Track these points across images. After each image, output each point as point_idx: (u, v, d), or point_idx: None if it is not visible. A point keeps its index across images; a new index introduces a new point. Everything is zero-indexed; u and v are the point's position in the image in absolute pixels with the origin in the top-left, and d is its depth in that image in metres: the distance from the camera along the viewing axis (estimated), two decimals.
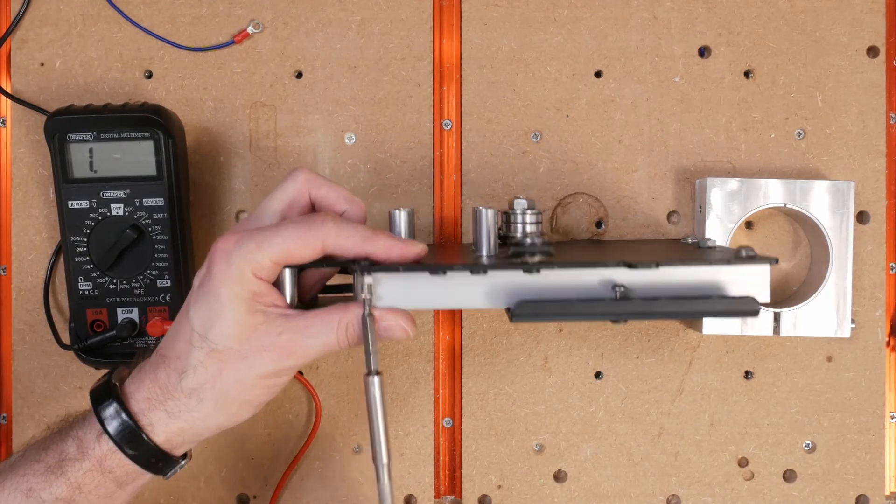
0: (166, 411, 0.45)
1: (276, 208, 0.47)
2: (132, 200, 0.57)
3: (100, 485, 0.45)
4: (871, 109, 0.62)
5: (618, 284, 0.46)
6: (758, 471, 0.62)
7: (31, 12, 0.62)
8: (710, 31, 0.62)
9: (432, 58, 0.62)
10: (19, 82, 0.62)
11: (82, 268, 0.57)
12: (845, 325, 0.58)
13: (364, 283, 0.46)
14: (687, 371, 0.62)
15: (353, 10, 0.62)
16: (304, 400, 0.63)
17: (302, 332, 0.44)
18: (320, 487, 0.62)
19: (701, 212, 0.60)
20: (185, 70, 0.62)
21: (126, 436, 0.45)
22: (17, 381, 0.62)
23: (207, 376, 0.44)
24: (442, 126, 0.62)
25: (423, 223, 0.62)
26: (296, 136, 0.62)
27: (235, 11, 0.62)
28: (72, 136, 0.56)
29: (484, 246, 0.50)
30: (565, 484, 0.62)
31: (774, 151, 0.62)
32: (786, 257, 0.63)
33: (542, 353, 0.62)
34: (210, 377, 0.44)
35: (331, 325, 0.45)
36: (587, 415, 0.62)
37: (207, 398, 0.45)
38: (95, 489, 0.45)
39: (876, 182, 0.62)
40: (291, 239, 0.44)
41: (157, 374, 0.46)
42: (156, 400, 0.45)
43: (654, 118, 0.62)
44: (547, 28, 0.62)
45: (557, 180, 0.62)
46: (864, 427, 0.62)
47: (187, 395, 0.45)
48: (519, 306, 0.45)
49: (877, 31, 0.62)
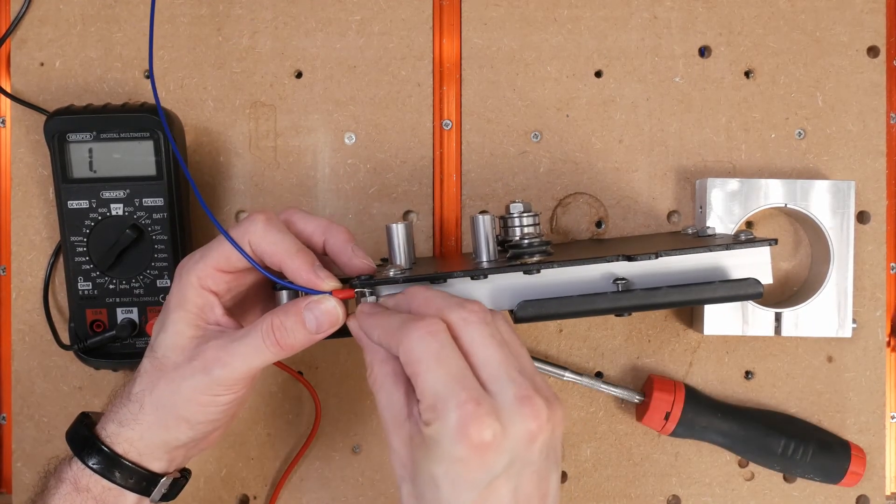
0: (118, 422, 0.46)
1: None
2: (132, 200, 0.57)
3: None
4: (871, 109, 0.62)
5: (619, 278, 0.46)
6: (758, 471, 0.62)
7: (31, 12, 0.62)
8: (711, 31, 0.62)
9: (432, 58, 0.62)
10: (19, 82, 0.62)
11: (82, 268, 0.57)
12: (846, 324, 0.58)
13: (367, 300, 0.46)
14: (687, 371, 0.62)
15: (352, 9, 0.62)
16: (304, 400, 0.62)
17: (229, 336, 0.45)
18: (320, 487, 0.62)
19: (701, 212, 0.60)
20: (184, 70, 0.62)
21: (87, 448, 0.46)
22: (17, 381, 0.62)
23: (147, 384, 0.46)
24: (442, 126, 0.62)
25: (422, 224, 0.62)
26: (295, 135, 0.62)
27: (235, 11, 0.62)
28: (71, 136, 0.56)
29: (483, 252, 0.49)
30: (565, 484, 0.62)
31: (775, 151, 0.62)
32: (786, 257, 0.63)
33: (542, 354, 0.62)
34: (149, 385, 0.45)
35: (256, 328, 0.44)
36: (587, 415, 0.62)
37: (147, 406, 0.45)
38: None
39: (876, 182, 0.62)
40: (226, 242, 0.45)
41: (118, 389, 0.48)
42: (111, 411, 0.47)
43: (654, 118, 0.62)
44: (547, 28, 0.62)
45: (557, 180, 0.62)
46: (864, 427, 0.62)
47: (132, 400, 0.46)
48: (521, 307, 0.45)
49: (877, 31, 0.62)
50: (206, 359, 0.44)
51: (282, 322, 0.44)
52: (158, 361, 0.46)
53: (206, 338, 0.45)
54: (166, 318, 0.46)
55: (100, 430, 0.46)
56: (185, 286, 0.46)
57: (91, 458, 0.45)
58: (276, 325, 0.44)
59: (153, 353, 0.46)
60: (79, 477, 0.46)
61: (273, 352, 0.44)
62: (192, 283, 0.45)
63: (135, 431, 0.46)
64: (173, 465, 0.48)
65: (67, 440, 0.47)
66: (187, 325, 0.45)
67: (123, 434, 0.46)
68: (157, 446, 0.46)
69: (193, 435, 0.46)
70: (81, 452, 0.46)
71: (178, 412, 0.45)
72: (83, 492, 0.45)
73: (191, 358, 0.45)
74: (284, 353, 0.44)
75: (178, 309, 0.46)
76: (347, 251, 0.46)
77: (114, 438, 0.46)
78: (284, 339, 0.44)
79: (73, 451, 0.46)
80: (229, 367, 0.44)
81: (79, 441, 0.46)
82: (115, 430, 0.46)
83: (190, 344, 0.45)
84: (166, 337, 0.46)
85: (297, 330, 0.44)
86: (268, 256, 0.45)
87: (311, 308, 0.44)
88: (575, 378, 0.59)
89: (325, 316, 0.44)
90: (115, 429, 0.46)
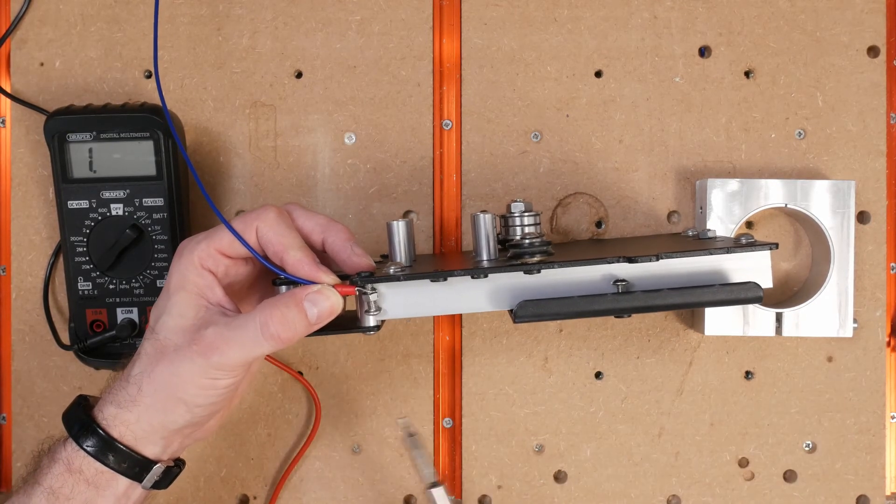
0: (116, 404, 0.46)
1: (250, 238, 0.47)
2: (132, 200, 0.57)
3: (74, 488, 0.45)
4: (871, 109, 0.62)
5: (619, 279, 0.46)
6: (758, 471, 0.62)
7: (31, 12, 0.62)
8: (711, 31, 0.62)
9: (432, 58, 0.62)
10: (19, 82, 0.62)
11: (82, 268, 0.57)
12: (847, 324, 0.58)
13: (370, 301, 0.45)
14: (687, 371, 0.62)
15: (352, 10, 0.62)
16: (304, 400, 0.62)
17: (227, 324, 0.45)
18: (320, 487, 0.62)
19: (702, 212, 0.60)
20: (184, 70, 0.62)
21: (83, 430, 0.46)
22: (17, 381, 0.62)
23: (147, 365, 0.46)
24: (442, 126, 0.62)
25: (422, 224, 0.62)
26: (295, 135, 0.62)
27: (235, 11, 0.62)
28: (71, 136, 0.56)
29: (484, 251, 0.49)
30: (565, 484, 0.62)
31: (775, 151, 0.62)
32: (787, 257, 0.62)
33: (542, 354, 0.62)
34: (149, 366, 0.45)
35: (253, 316, 0.44)
36: (587, 415, 0.62)
37: (145, 388, 0.45)
38: (72, 494, 0.45)
39: (876, 182, 0.62)
40: (233, 226, 0.46)
41: (116, 374, 0.48)
42: (109, 394, 0.47)
43: (654, 118, 0.62)
44: (547, 28, 0.62)
45: (557, 180, 0.62)
46: (864, 427, 0.62)
47: (130, 382, 0.46)
48: (521, 307, 0.45)
49: (877, 31, 0.62)
50: (205, 344, 0.44)
51: (283, 314, 0.44)
52: (160, 343, 0.45)
53: (207, 320, 0.45)
54: (168, 301, 0.46)
55: (97, 412, 0.46)
56: (186, 265, 0.46)
57: (86, 441, 0.45)
58: (276, 316, 0.44)
59: (154, 336, 0.46)
60: (72, 458, 0.46)
61: (272, 344, 0.44)
62: (194, 262, 0.46)
63: (132, 413, 0.45)
64: (168, 451, 0.47)
65: (63, 421, 0.47)
66: (189, 306, 0.45)
67: (121, 416, 0.46)
68: (154, 429, 0.46)
69: (191, 418, 0.46)
70: (77, 434, 0.46)
71: (176, 394, 0.45)
72: (76, 473, 0.45)
73: (191, 341, 0.44)
74: (283, 344, 0.44)
75: (180, 290, 0.46)
76: (347, 249, 0.47)
77: (110, 421, 0.46)
78: (285, 331, 0.44)
79: (69, 433, 0.46)
80: (227, 356, 0.44)
81: (75, 423, 0.46)
82: (112, 413, 0.46)
83: (191, 326, 0.45)
84: (168, 319, 0.45)
85: (298, 321, 0.44)
86: (271, 247, 0.45)
87: (312, 299, 0.44)
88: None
89: (325, 302, 0.44)
90: (113, 411, 0.46)
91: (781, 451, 0.62)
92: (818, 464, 0.62)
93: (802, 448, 0.62)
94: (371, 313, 0.46)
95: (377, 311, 0.46)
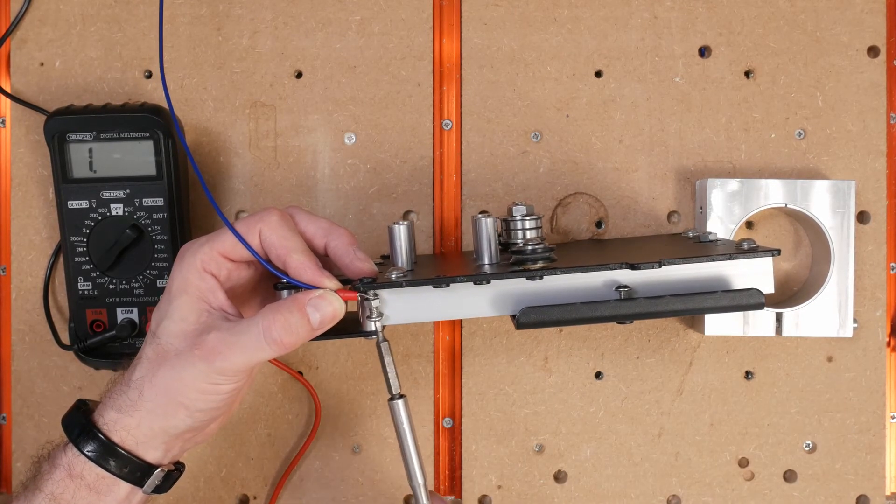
0: (117, 408, 0.46)
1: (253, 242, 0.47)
2: (132, 200, 0.57)
3: (76, 494, 0.45)
4: (871, 109, 0.62)
5: (621, 285, 0.46)
6: (758, 471, 0.62)
7: (31, 12, 0.62)
8: (711, 31, 0.62)
9: (432, 58, 0.62)
10: (19, 82, 0.62)
11: (82, 268, 0.57)
12: (847, 324, 0.58)
13: (372, 307, 0.45)
14: (687, 371, 0.62)
15: (352, 9, 0.62)
16: (304, 400, 0.63)
17: (230, 329, 0.44)
18: (320, 487, 0.62)
19: (702, 212, 0.60)
20: (184, 70, 0.62)
21: (84, 435, 0.45)
22: (17, 381, 0.62)
23: (148, 370, 0.45)
24: (442, 126, 0.62)
25: (423, 224, 0.62)
26: (295, 135, 0.62)
27: (235, 11, 0.62)
28: (71, 136, 0.56)
29: (485, 254, 0.49)
30: (565, 484, 0.62)
31: (775, 151, 0.62)
32: (787, 258, 0.62)
33: (542, 354, 0.62)
34: (150, 371, 0.45)
35: (255, 321, 0.44)
36: (587, 415, 0.62)
37: (147, 392, 0.45)
38: (73, 499, 0.45)
39: (876, 182, 0.62)
40: (236, 229, 0.45)
41: (116, 377, 0.48)
42: (109, 398, 0.46)
43: (654, 118, 0.62)
44: (547, 28, 0.62)
45: (557, 180, 0.62)
46: (864, 427, 0.62)
47: (131, 387, 0.46)
48: (523, 313, 0.45)
49: (877, 31, 0.62)
50: (207, 349, 0.44)
51: (286, 319, 0.44)
52: (161, 348, 0.45)
53: (209, 325, 0.45)
54: (169, 304, 0.46)
55: (97, 417, 0.46)
56: (188, 269, 0.46)
57: (87, 446, 0.45)
58: (279, 321, 0.44)
59: (156, 340, 0.46)
60: (73, 464, 0.45)
61: (274, 349, 0.44)
62: (196, 265, 0.45)
63: (133, 418, 0.45)
64: (168, 455, 0.47)
65: (63, 427, 0.47)
66: (191, 310, 0.45)
67: (122, 421, 0.45)
68: (155, 434, 0.46)
69: (192, 423, 0.46)
70: (77, 439, 0.45)
71: (178, 398, 0.45)
72: (77, 479, 0.45)
73: (193, 346, 0.44)
74: (286, 349, 0.44)
75: (182, 294, 0.45)
76: (350, 253, 0.47)
77: (111, 426, 0.46)
78: (288, 336, 0.44)
79: (70, 438, 0.46)
80: (229, 361, 0.44)
81: (75, 428, 0.46)
82: (113, 418, 0.46)
83: (194, 331, 0.45)
84: (170, 323, 0.45)
85: (301, 326, 0.44)
86: (274, 250, 0.45)
87: (315, 304, 0.44)
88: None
89: (328, 307, 0.44)
90: (114, 416, 0.46)
91: (781, 451, 0.62)
92: (818, 464, 0.62)
93: (802, 448, 0.62)
94: (373, 319, 0.46)
95: (379, 317, 0.46)
